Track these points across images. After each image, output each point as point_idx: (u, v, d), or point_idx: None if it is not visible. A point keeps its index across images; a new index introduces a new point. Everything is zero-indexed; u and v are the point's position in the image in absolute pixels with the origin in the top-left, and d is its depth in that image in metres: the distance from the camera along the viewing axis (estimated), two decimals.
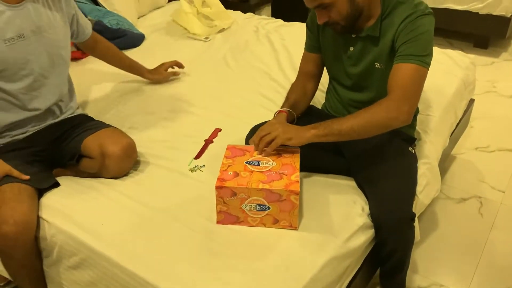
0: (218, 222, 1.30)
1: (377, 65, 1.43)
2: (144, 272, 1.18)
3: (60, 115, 1.61)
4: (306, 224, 1.32)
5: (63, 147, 1.56)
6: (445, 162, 2.24)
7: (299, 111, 1.55)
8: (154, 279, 1.16)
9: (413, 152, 1.55)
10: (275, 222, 1.29)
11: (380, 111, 1.32)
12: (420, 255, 1.84)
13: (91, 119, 1.69)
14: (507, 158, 2.43)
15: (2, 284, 1.71)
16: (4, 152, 1.48)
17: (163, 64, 2.08)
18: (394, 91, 1.33)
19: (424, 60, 1.33)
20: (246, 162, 1.34)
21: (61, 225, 1.34)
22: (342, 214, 1.35)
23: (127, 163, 1.51)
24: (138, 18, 2.78)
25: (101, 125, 1.60)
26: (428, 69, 1.35)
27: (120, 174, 1.50)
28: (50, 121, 1.58)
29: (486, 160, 2.40)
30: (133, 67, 2.00)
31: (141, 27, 2.63)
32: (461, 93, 2.06)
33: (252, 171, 1.30)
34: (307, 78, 1.62)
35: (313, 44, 1.58)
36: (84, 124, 1.61)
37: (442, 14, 3.47)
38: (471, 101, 2.26)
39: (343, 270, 1.29)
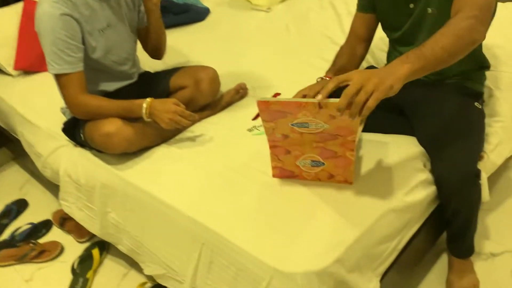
0: (273, 176, 1.33)
1: (429, 10, 1.34)
2: (208, 221, 1.25)
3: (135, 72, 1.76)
4: (363, 179, 1.30)
5: (151, 95, 1.67)
6: None
7: None
8: (216, 226, 1.23)
9: (480, 107, 1.45)
10: (330, 177, 1.28)
11: (464, 28, 1.10)
12: (493, 221, 1.73)
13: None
14: None
15: (84, 239, 1.89)
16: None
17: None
18: (470, 9, 1.13)
19: None
20: (292, 124, 1.16)
21: (141, 184, 1.45)
22: (401, 169, 1.32)
23: (216, 86, 1.71)
24: None
25: (178, 67, 1.78)
26: None
27: (212, 97, 1.70)
28: (129, 81, 1.72)
29: None
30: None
31: (205, 1, 2.70)
32: None
33: (301, 133, 1.18)
34: (357, 40, 1.57)
35: (366, 3, 1.52)
36: (160, 73, 1.79)
37: None
38: None
39: (402, 225, 1.26)
